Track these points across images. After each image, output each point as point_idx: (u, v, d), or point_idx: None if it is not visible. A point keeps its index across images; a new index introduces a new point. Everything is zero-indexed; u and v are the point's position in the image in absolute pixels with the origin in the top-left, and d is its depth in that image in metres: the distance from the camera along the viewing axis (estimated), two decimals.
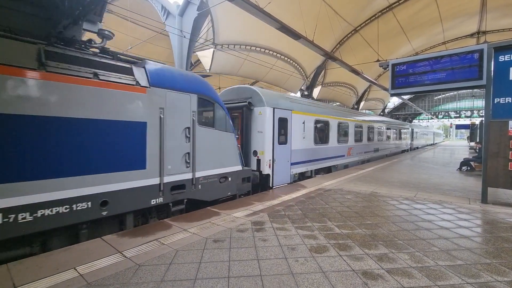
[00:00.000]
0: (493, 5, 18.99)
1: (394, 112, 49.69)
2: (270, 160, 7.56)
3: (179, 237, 3.89)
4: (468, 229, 4.29)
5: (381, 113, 45.32)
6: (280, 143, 7.93)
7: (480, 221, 4.73)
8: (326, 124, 10.82)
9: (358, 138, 13.91)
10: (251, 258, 3.22)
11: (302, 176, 9.47)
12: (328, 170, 11.16)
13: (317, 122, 10.03)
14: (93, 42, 4.50)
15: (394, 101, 50.06)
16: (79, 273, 2.86)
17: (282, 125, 8.11)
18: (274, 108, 7.69)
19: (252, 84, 25.05)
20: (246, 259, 3.19)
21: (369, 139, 15.34)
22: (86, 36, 4.94)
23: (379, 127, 17.10)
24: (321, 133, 10.51)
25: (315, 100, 22.57)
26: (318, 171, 10.48)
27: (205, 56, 19.23)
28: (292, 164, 8.52)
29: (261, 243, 3.67)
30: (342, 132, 12.19)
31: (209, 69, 18.83)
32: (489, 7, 18.99)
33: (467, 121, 43.52)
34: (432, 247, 3.55)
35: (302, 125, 9.09)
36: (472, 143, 28.05)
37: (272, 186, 7.69)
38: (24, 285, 2.62)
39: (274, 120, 7.67)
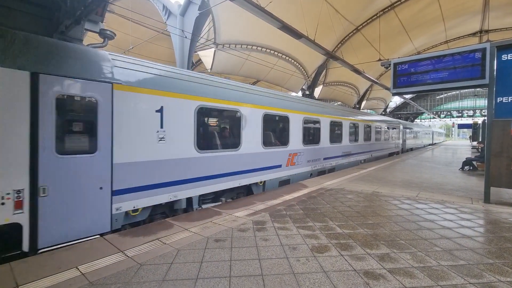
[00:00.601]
0: (495, 4, 18.86)
1: (396, 112, 49.60)
2: (17, 190, 3.43)
3: (180, 236, 3.90)
4: (471, 229, 4.27)
5: (383, 113, 45.24)
6: (64, 152, 3.82)
7: (483, 221, 4.71)
8: (233, 116, 6.61)
9: (312, 139, 9.70)
10: (252, 257, 3.22)
11: (170, 210, 5.43)
12: (247, 190, 7.19)
13: (206, 112, 5.89)
14: None
15: (396, 101, 50.02)
16: (81, 272, 2.87)
17: (77, 113, 4.13)
18: (38, 74, 3.56)
19: (254, 84, 24.81)
20: (247, 258, 3.20)
21: (333, 140, 11.03)
22: (88, 36, 4.89)
23: (352, 124, 12.95)
24: (222, 132, 6.52)
25: (313, 98, 22.42)
26: (215, 196, 6.29)
27: (206, 56, 19.31)
28: (118, 192, 4.37)
29: (262, 242, 3.67)
30: (274, 131, 8.19)
31: (211, 69, 18.88)
32: (491, 6, 18.86)
33: (469, 121, 43.34)
34: (434, 247, 3.53)
35: (157, 115, 4.91)
36: (475, 143, 27.93)
37: (37, 248, 3.57)
38: (27, 284, 2.64)
39: (37, 100, 3.56)
